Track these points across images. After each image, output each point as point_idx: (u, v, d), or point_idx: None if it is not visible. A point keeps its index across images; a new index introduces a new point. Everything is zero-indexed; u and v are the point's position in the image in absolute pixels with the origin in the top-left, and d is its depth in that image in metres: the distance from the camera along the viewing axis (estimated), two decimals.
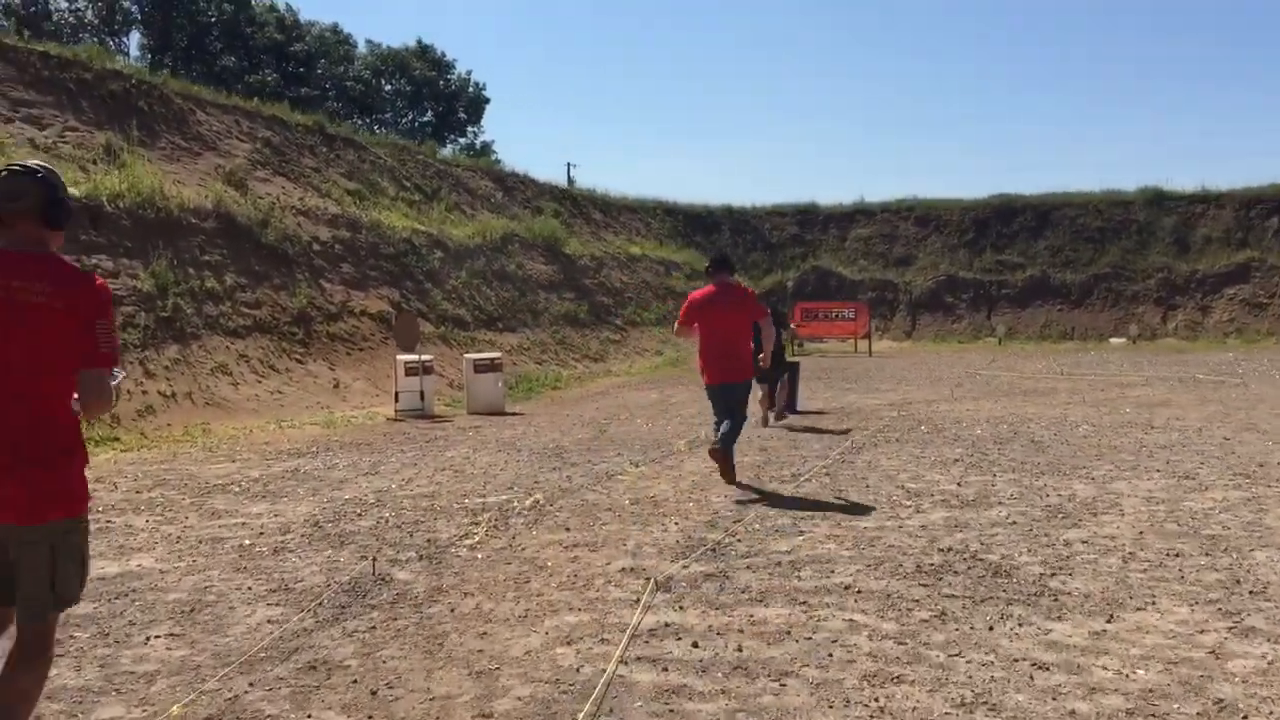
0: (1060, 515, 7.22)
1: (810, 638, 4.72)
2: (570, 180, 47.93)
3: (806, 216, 51.16)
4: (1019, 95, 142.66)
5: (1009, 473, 9.12)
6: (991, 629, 4.78)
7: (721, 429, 8.74)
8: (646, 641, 4.74)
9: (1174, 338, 40.85)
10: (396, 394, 15.76)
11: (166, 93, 22.81)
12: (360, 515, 7.81)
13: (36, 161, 3.53)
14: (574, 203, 40.94)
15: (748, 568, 5.98)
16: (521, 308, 26.39)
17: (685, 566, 6.02)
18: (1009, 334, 42.56)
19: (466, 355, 17.69)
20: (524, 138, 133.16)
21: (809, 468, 9.65)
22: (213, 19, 54.07)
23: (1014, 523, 7.00)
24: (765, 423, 13.50)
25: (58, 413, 3.38)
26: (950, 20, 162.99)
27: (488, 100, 65.87)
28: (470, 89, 65.11)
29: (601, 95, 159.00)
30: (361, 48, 62.80)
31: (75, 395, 3.40)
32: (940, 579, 5.62)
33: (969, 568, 5.84)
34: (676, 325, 9.58)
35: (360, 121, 53.41)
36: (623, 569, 6.03)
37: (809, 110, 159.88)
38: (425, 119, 63.53)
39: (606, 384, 22.23)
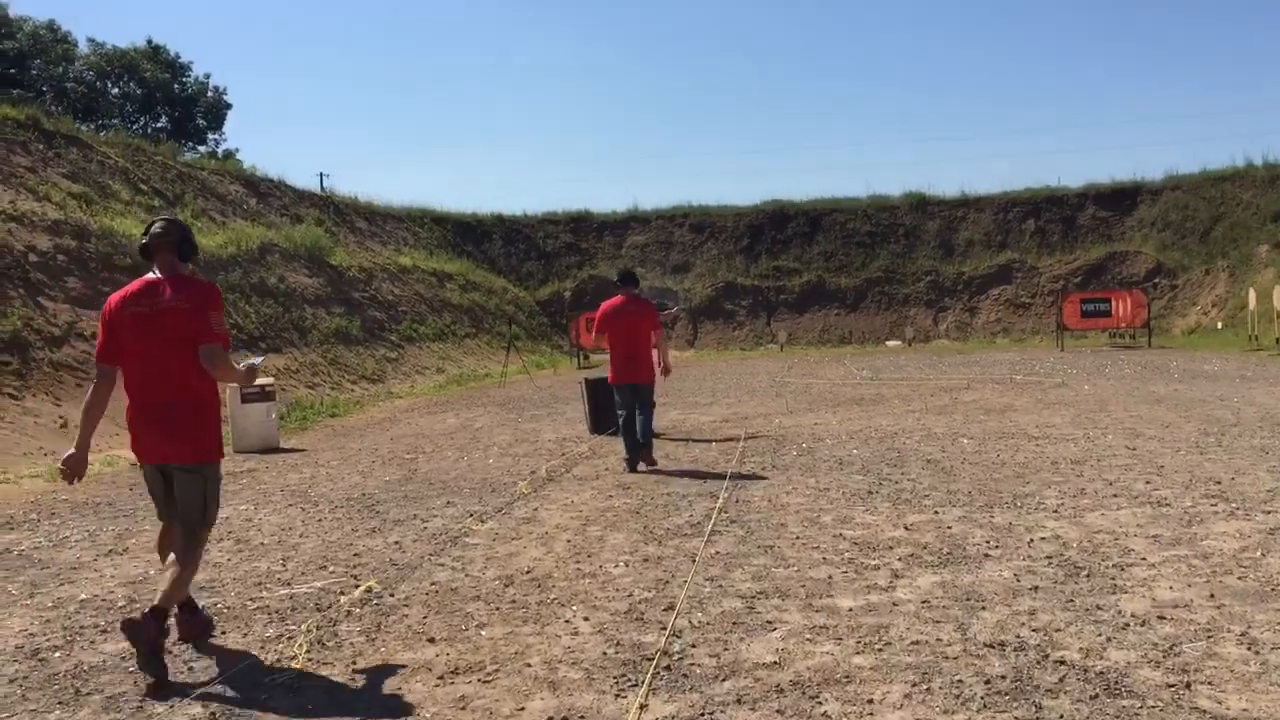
0: (1082, 572, 5.54)
1: None
2: (324, 190, 44.27)
3: (580, 224, 49.55)
4: (785, 101, 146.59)
5: (949, 507, 7.46)
6: None
7: (638, 426, 10.13)
8: None
9: (945, 339, 41.62)
10: None
11: None
12: (106, 631, 5.29)
13: (176, 215, 5.63)
14: (336, 210, 37.70)
15: (738, 700, 3.94)
16: (286, 325, 23.33)
17: (644, 706, 3.92)
18: (789, 340, 42.31)
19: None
20: (272, 146, 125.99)
21: (701, 511, 7.70)
22: None
23: (1035, 588, 5.26)
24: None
25: (198, 385, 4.87)
26: (714, 27, 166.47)
27: (229, 105, 60.90)
28: (210, 93, 60.04)
29: (354, 101, 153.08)
30: (83, 47, 56.74)
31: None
32: (1038, 707, 3.76)
33: (1059, 680, 4.00)
34: (594, 334, 10.95)
35: (85, 126, 47.86)
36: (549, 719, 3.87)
37: (575, 116, 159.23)
38: (159, 125, 58.03)
39: (391, 408, 19.64)
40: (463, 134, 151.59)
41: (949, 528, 6.75)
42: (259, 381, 14.47)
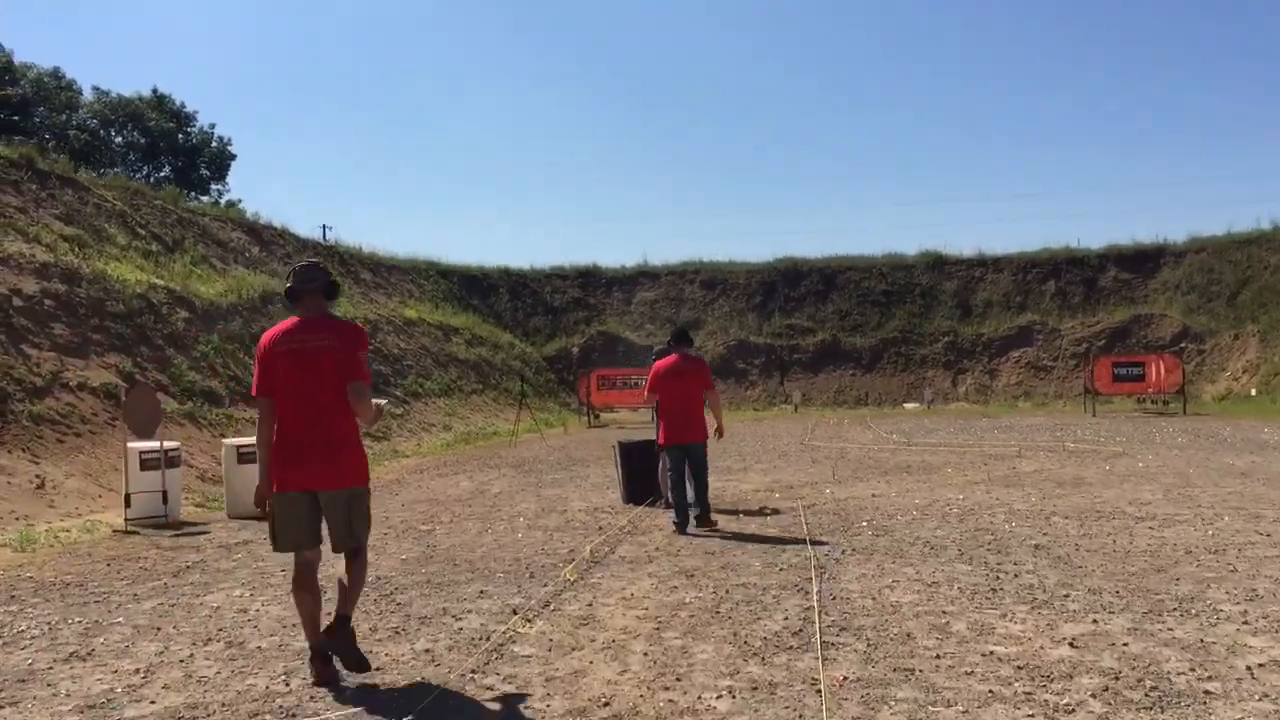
0: None
1: None
2: (327, 240, 43.08)
3: (588, 279, 48.46)
4: (796, 157, 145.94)
5: (1104, 613, 6.08)
6: None
7: (692, 490, 10.06)
8: None
9: (965, 402, 40.32)
10: (128, 496, 11.45)
11: None
12: None
13: (316, 258, 6.13)
14: (340, 260, 36.53)
15: None
16: None
17: None
18: (804, 400, 40.99)
19: (226, 440, 13.46)
20: (275, 198, 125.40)
21: (795, 611, 6.32)
22: None
23: None
24: (666, 502, 11.14)
25: (346, 418, 5.18)
26: (724, 85, 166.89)
27: (233, 156, 60.07)
28: (214, 143, 59.24)
29: (358, 154, 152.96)
30: (88, 94, 56.02)
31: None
32: None
33: None
34: (646, 392, 10.82)
35: (85, 171, 46.79)
36: None
37: (584, 169, 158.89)
38: (162, 174, 57.15)
39: (398, 468, 18.27)
40: (470, 186, 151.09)
41: (1125, 645, 5.38)
42: (253, 439, 13.17)
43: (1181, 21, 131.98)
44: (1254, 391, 33.50)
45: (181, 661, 5.62)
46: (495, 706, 4.69)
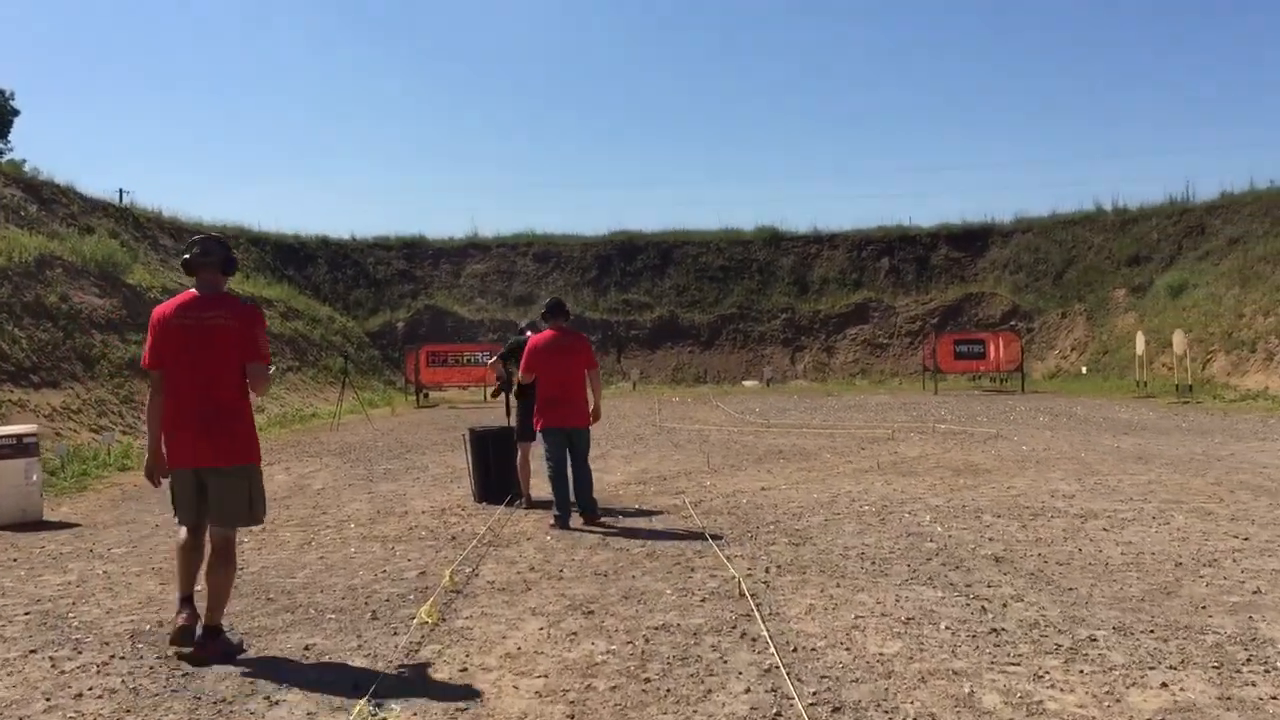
0: None
1: None
2: (123, 203, 39.01)
3: (414, 250, 45.80)
4: (631, 129, 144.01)
5: (1166, 670, 4.57)
6: None
7: (574, 484, 8.93)
8: None
9: (804, 379, 39.72)
10: None
11: None
12: None
13: (215, 234, 5.69)
14: (136, 224, 32.97)
15: None
16: (68, 353, 19.01)
17: None
18: (641, 378, 39.61)
19: None
20: (69, 160, 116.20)
21: (751, 672, 4.60)
22: None
23: None
24: (528, 502, 10.09)
25: (237, 395, 5.15)
26: (554, 54, 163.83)
27: (17, 112, 54.35)
28: None
29: (161, 116, 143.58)
30: None
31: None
32: None
33: None
34: (521, 372, 9.39)
35: None
36: None
37: (408, 136, 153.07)
38: None
39: None
40: (284, 154, 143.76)
41: None
42: (15, 430, 10.64)
43: (1011, 12, 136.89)
44: (1084, 369, 33.84)
45: None
46: None
